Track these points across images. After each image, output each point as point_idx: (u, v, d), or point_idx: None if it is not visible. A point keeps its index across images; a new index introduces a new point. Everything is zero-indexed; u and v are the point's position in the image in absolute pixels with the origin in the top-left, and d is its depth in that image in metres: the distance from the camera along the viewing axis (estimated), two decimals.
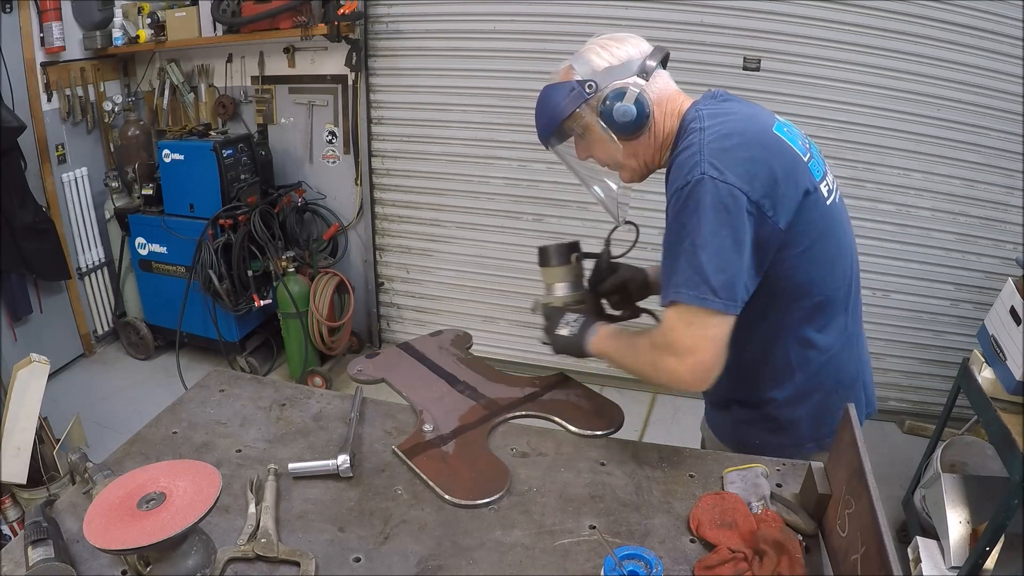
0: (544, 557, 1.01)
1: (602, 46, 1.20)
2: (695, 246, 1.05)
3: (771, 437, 1.30)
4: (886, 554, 0.77)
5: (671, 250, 1.10)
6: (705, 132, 1.10)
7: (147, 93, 3.85)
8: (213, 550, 0.93)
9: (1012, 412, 1.89)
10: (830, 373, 1.26)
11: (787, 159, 1.11)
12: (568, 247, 1.43)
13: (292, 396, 1.44)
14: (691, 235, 1.06)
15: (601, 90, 1.18)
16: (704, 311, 1.05)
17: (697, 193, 1.05)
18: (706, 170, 1.05)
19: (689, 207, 1.06)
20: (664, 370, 1.10)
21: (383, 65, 3.38)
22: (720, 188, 1.04)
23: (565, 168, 1.45)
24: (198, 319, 3.47)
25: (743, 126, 1.12)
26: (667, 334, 1.10)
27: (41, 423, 2.34)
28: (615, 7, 2.95)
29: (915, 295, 3.11)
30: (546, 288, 1.46)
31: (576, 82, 1.19)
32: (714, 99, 1.21)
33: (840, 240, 1.21)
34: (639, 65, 1.18)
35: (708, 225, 1.04)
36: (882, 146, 2.90)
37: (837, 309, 1.23)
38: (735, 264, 1.06)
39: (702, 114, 1.14)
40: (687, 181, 1.06)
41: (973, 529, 2.02)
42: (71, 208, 3.55)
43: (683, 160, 1.10)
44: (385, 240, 3.74)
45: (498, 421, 1.35)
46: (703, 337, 1.07)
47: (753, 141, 1.10)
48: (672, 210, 1.11)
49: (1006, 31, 2.65)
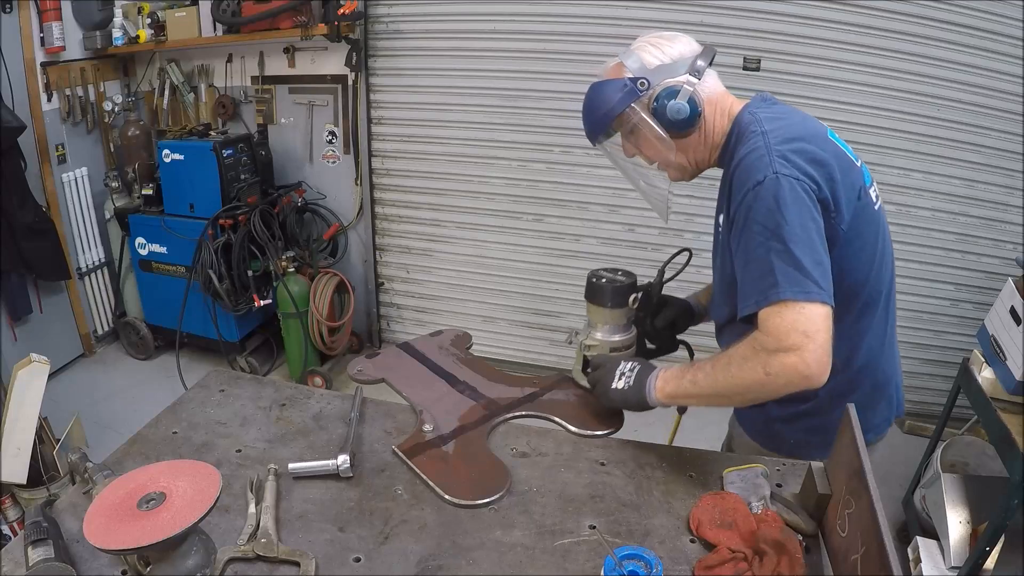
0: (544, 557, 1.01)
1: (653, 44, 1.20)
2: (786, 243, 1.03)
3: (808, 436, 1.29)
4: (886, 554, 0.77)
5: (755, 251, 1.07)
6: (768, 135, 1.10)
7: (147, 93, 3.85)
8: (213, 550, 0.93)
9: (1012, 412, 1.89)
10: (869, 373, 1.27)
11: (844, 163, 1.13)
12: (628, 288, 1.31)
13: (292, 396, 1.44)
14: (779, 233, 1.04)
15: (653, 88, 1.18)
16: (811, 304, 1.02)
17: (775, 190, 1.05)
18: (778, 169, 1.05)
19: (768, 205, 1.05)
20: (783, 371, 1.02)
21: (383, 65, 3.38)
22: (796, 184, 1.05)
23: (566, 167, 1.44)
24: (198, 319, 3.47)
25: (803, 130, 1.14)
26: (777, 334, 1.03)
27: (41, 423, 2.34)
28: (615, 7, 2.95)
29: (915, 295, 3.11)
30: (589, 325, 1.36)
31: (628, 79, 1.18)
32: (764, 102, 1.22)
33: (884, 244, 1.23)
34: (690, 64, 1.18)
35: (795, 220, 1.04)
36: (882, 146, 2.90)
37: (879, 310, 1.25)
38: (824, 257, 1.05)
39: (759, 117, 1.15)
40: (759, 180, 1.06)
41: (973, 529, 2.02)
42: (71, 208, 3.55)
43: (751, 161, 1.09)
44: (385, 240, 3.74)
45: (498, 421, 1.35)
46: (816, 327, 1.02)
47: (814, 144, 1.11)
48: (745, 211, 1.09)
49: (1006, 31, 2.65)
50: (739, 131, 1.18)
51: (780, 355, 1.02)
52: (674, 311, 1.45)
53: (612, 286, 1.33)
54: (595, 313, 1.35)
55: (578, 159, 3.17)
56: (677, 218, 3.08)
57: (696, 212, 3.07)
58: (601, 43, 2.97)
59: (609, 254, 3.28)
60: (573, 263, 3.40)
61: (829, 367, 1.03)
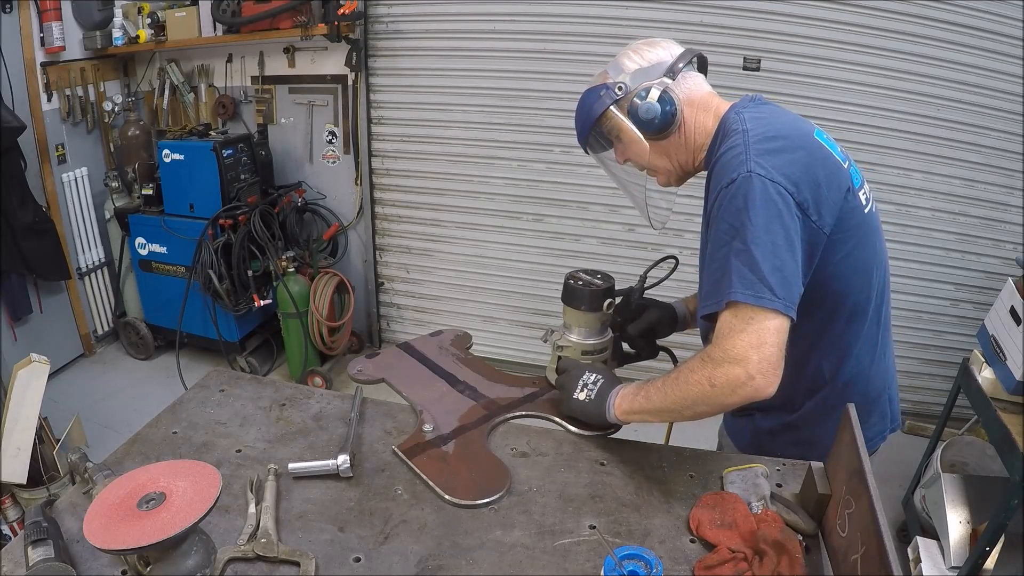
0: (544, 557, 1.01)
1: (634, 50, 1.22)
2: (747, 243, 1.00)
3: (793, 450, 1.26)
4: (886, 554, 0.77)
5: (718, 251, 1.05)
6: (748, 133, 1.09)
7: (147, 93, 3.85)
8: (213, 550, 0.93)
9: (1012, 412, 1.89)
10: (859, 386, 1.24)
11: (829, 164, 1.11)
12: (604, 293, 1.31)
13: (292, 396, 1.43)
14: (742, 233, 1.01)
15: (629, 91, 1.19)
16: (763, 311, 0.99)
17: (745, 190, 1.02)
18: (753, 168, 1.03)
19: (737, 204, 1.03)
20: (726, 383, 1.00)
21: (383, 65, 3.38)
22: (768, 186, 1.02)
23: (566, 167, 1.45)
24: (198, 319, 3.47)
25: (786, 130, 1.11)
26: (724, 342, 1.01)
27: (41, 423, 2.34)
28: (615, 7, 2.95)
29: (915, 295, 3.11)
30: (565, 327, 1.37)
31: (608, 84, 1.21)
32: (752, 102, 1.20)
33: (875, 249, 1.19)
34: (668, 66, 1.19)
35: (760, 222, 1.01)
36: (882, 146, 2.90)
37: (870, 319, 1.22)
38: (789, 264, 1.02)
39: (743, 116, 1.14)
40: (732, 179, 1.04)
41: (973, 529, 2.02)
42: (71, 208, 3.55)
43: (727, 159, 1.08)
44: (385, 240, 3.74)
45: (498, 421, 1.34)
46: (765, 334, 0.99)
47: (797, 144, 1.09)
48: (717, 210, 1.07)
49: (1006, 31, 2.65)
50: (724, 131, 1.17)
51: (725, 366, 1.00)
52: (653, 317, 1.44)
53: (587, 290, 1.32)
54: (570, 315, 1.35)
55: (578, 159, 3.17)
56: (677, 218, 3.06)
57: (695, 212, 3.07)
58: (601, 43, 2.97)
59: (609, 254, 3.28)
60: (573, 263, 3.39)
61: (777, 379, 1.00)
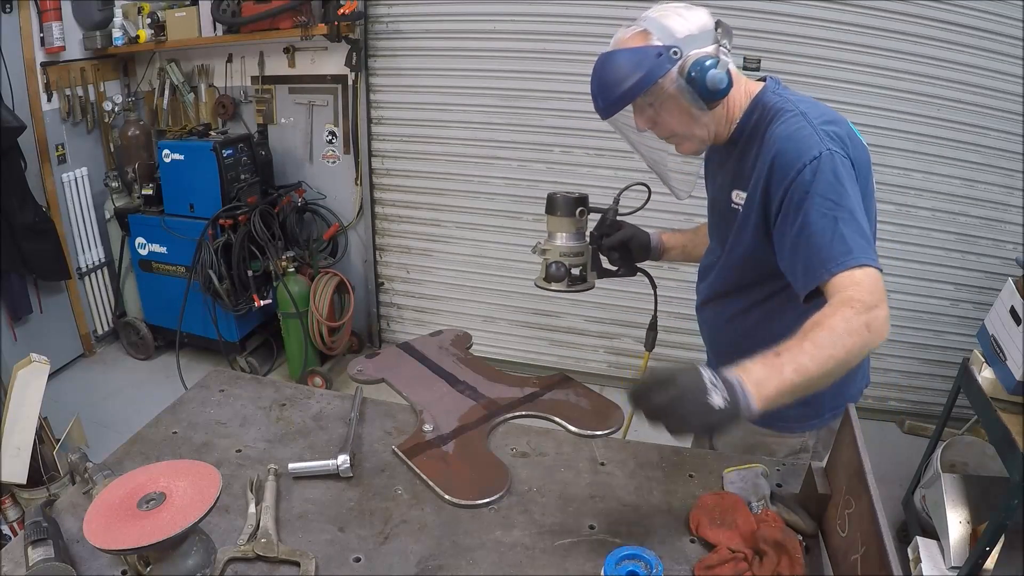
0: (544, 557, 1.01)
1: (676, 12, 1.18)
2: (853, 213, 1.07)
3: (792, 410, 1.21)
4: (886, 554, 0.77)
5: (817, 223, 1.08)
6: (808, 116, 1.14)
7: (147, 93, 3.84)
8: (213, 550, 0.93)
9: (1012, 412, 1.89)
10: None
11: (866, 153, 1.20)
12: (576, 200, 1.45)
13: (292, 396, 1.44)
14: (845, 203, 1.07)
15: (686, 57, 1.15)
16: (874, 268, 1.07)
17: (832, 166, 1.08)
18: (830, 146, 1.10)
19: (828, 179, 1.08)
20: (879, 325, 1.03)
21: (383, 65, 3.38)
22: (845, 162, 1.10)
23: (566, 167, 1.46)
24: (198, 319, 3.47)
25: (834, 115, 1.18)
26: (860, 291, 1.04)
27: (41, 423, 2.34)
28: (615, 7, 2.95)
29: (915, 295, 3.11)
30: (548, 236, 1.48)
31: (661, 47, 1.14)
32: (779, 86, 1.25)
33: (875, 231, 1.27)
34: (715, 35, 1.17)
35: (854, 194, 1.09)
36: (882, 146, 2.90)
37: None
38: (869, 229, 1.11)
39: (791, 98, 1.19)
40: (815, 156, 1.09)
41: (973, 529, 2.02)
42: (71, 208, 3.55)
43: (800, 138, 1.11)
44: (385, 240, 3.74)
45: (498, 421, 1.35)
46: (883, 291, 1.07)
47: (846, 132, 1.16)
48: (799, 188, 1.10)
49: (1006, 31, 2.65)
50: (765, 110, 1.20)
51: (875, 310, 1.03)
52: (626, 233, 1.51)
53: (561, 196, 1.45)
54: (551, 223, 1.47)
55: (578, 159, 3.17)
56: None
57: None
58: (601, 43, 2.91)
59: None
60: None
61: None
